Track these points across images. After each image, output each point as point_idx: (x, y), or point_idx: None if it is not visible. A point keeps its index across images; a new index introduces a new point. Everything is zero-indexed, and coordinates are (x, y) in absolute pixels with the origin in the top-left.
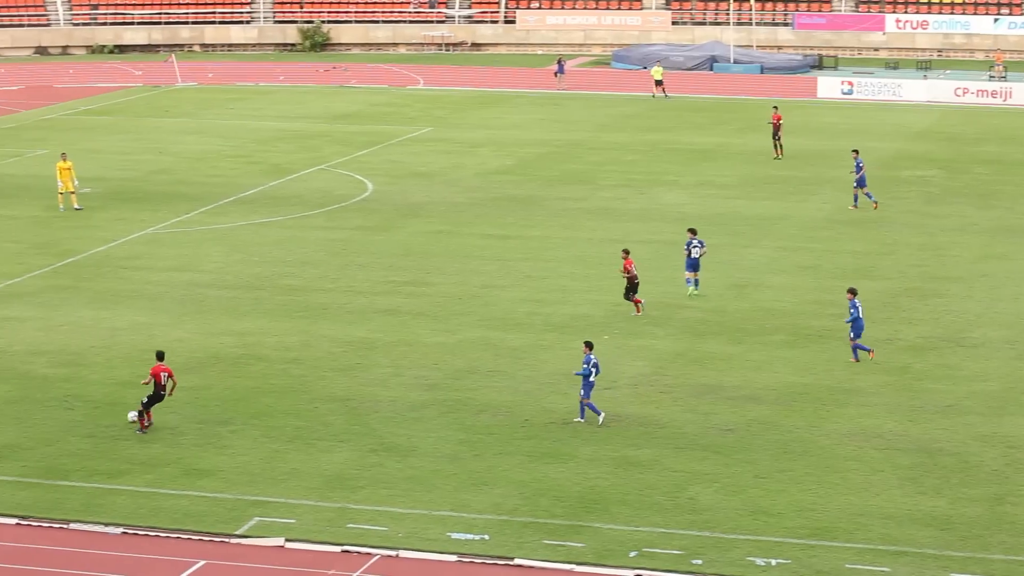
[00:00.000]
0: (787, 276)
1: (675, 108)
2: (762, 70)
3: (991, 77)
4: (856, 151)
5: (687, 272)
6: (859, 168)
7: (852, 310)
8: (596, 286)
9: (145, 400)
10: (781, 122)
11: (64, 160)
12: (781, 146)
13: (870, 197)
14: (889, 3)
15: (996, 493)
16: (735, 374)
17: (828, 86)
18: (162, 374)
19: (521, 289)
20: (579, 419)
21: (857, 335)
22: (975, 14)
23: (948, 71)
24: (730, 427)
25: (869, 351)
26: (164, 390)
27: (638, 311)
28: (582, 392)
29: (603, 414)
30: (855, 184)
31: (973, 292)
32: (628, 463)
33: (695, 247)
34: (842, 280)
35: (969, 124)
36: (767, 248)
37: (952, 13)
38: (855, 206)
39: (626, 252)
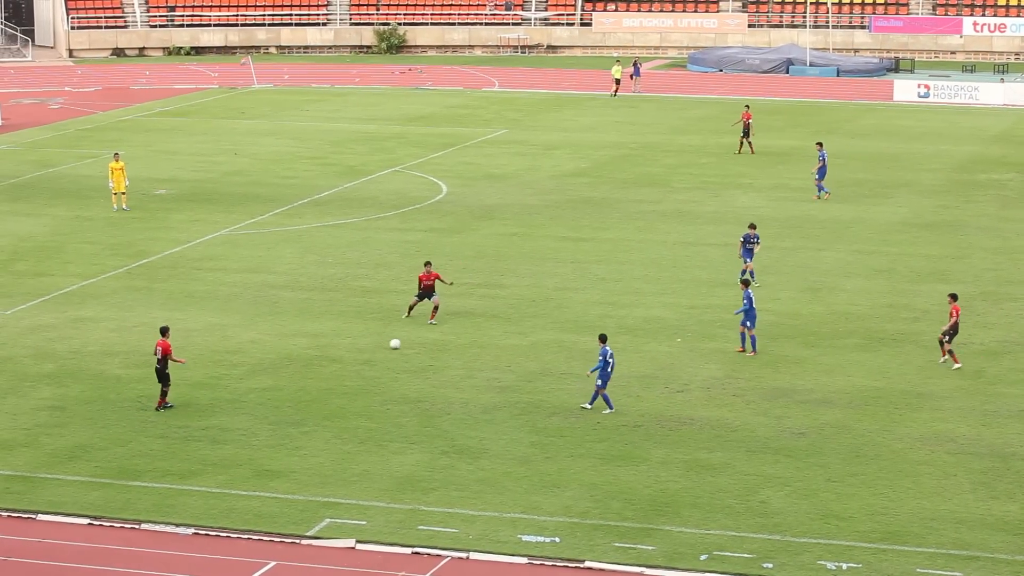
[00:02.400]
0: (861, 280)
1: (751, 111)
2: (838, 73)
3: None
4: (820, 143)
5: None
6: (822, 160)
7: (744, 301)
8: (669, 289)
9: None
10: (751, 121)
11: (116, 160)
12: (750, 143)
13: (824, 189)
14: (967, 6)
15: None
16: (808, 378)
17: (904, 89)
18: (156, 348)
19: (594, 291)
20: (587, 405)
21: (753, 324)
22: None
23: None
24: (802, 431)
25: (742, 348)
26: (159, 364)
27: (432, 318)
28: (599, 382)
29: (590, 406)
30: (816, 175)
31: None
32: (700, 466)
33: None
34: (917, 284)
35: None
36: (841, 251)
37: None
38: (818, 196)
39: (428, 264)
